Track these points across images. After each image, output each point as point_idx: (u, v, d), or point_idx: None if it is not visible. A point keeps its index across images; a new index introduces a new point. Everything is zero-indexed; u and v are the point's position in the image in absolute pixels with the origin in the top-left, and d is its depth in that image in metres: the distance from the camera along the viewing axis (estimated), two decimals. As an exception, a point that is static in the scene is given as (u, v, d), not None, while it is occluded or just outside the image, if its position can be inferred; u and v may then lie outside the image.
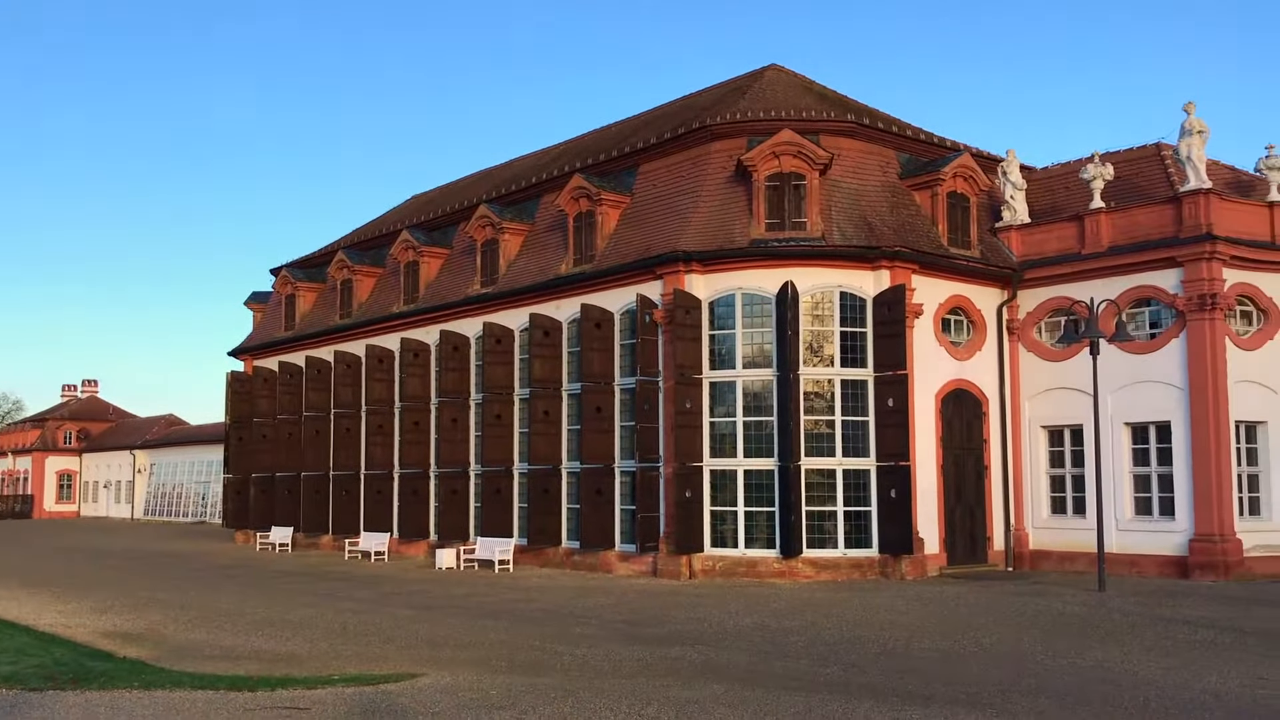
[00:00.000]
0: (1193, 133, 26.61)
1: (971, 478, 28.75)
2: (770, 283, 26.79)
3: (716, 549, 26.70)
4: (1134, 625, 17.93)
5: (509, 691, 12.12)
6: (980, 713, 11.10)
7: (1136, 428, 27.46)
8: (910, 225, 28.26)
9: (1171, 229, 26.83)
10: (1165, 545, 26.50)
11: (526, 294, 31.99)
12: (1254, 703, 11.76)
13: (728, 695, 11.91)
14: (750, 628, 17.84)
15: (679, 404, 26.75)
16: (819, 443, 26.51)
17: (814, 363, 26.70)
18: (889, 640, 16.34)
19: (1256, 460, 26.92)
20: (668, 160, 30.17)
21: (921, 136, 30.74)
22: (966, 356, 28.84)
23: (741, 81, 33.44)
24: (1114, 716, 11.05)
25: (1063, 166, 32.54)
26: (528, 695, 11.90)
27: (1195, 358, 26.21)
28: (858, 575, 26.03)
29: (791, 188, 27.38)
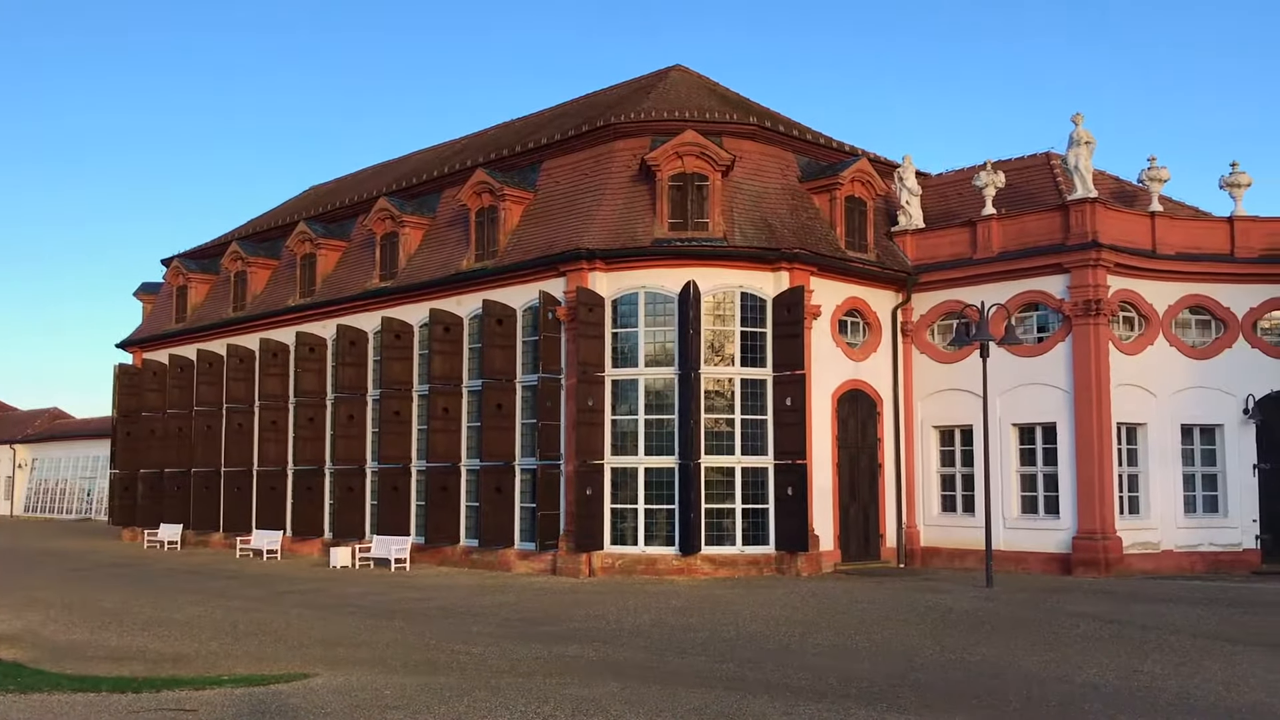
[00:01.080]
0: (1080, 143, 27.53)
1: (866, 476, 29.32)
2: (673, 282, 26.95)
3: (616, 547, 26.76)
4: (1019, 621, 18.48)
5: (403, 691, 11.99)
6: (870, 707, 11.33)
7: (1024, 428, 28.32)
8: (809, 228, 28.70)
9: (1059, 236, 27.72)
10: (1050, 543, 27.37)
11: (427, 289, 31.65)
12: (1130, 694, 12.22)
13: (625, 693, 11.96)
14: (648, 625, 17.93)
15: (581, 402, 26.75)
16: (719, 441, 26.76)
17: (715, 362, 26.94)
18: (784, 636, 16.58)
19: (1136, 461, 27.96)
20: (572, 158, 30.13)
21: (821, 141, 31.26)
22: (862, 357, 29.40)
23: (646, 81, 33.57)
24: (999, 710, 11.38)
25: (956, 173, 33.38)
26: (422, 695, 11.79)
27: (1080, 361, 27.12)
28: (755, 572, 26.35)
29: (694, 188, 27.58)
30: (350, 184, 42.89)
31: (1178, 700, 11.88)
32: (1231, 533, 27.88)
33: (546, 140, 31.09)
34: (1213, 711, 11.36)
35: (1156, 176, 28.85)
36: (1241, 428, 27.93)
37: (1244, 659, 14.63)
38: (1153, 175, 28.91)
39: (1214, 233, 28.65)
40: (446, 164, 35.25)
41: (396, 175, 38.38)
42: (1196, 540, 27.78)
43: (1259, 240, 28.27)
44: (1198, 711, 11.33)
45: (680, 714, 10.87)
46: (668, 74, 32.88)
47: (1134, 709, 11.43)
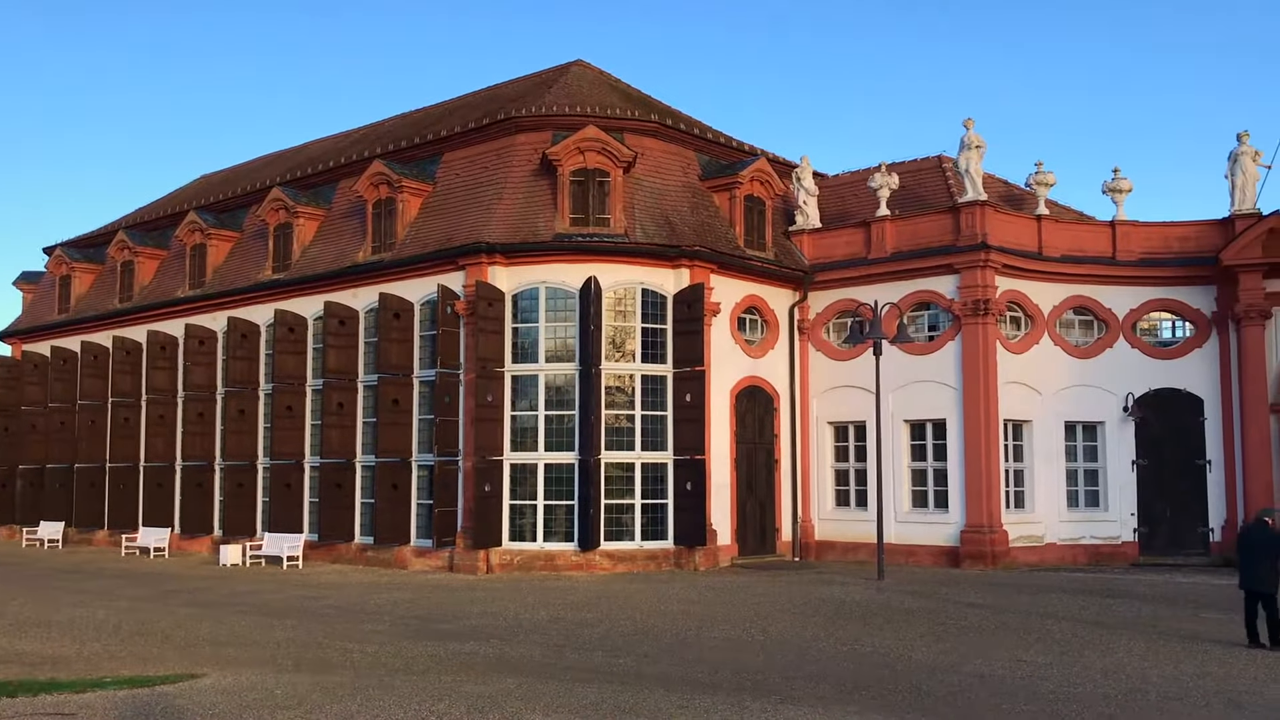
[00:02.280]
0: (971, 147, 28.26)
1: (763, 471, 29.69)
2: (574, 277, 26.90)
3: (515, 543, 26.63)
4: (910, 613, 18.91)
5: (295, 691, 11.76)
6: (764, 699, 11.47)
7: (915, 425, 28.98)
8: (709, 226, 28.93)
9: (950, 238, 28.41)
10: (939, 536, 28.07)
11: (322, 281, 31.06)
12: (1015, 683, 12.60)
13: (521, 689, 11.91)
14: (546, 621, 17.89)
15: (480, 397, 26.54)
16: (619, 437, 26.81)
17: (616, 358, 26.98)
18: (681, 630, 16.69)
19: (1022, 457, 28.82)
20: (472, 150, 29.87)
21: (721, 140, 31.53)
22: (760, 354, 29.75)
23: (547, 75, 33.44)
24: (889, 700, 11.62)
25: (852, 175, 33.99)
26: (314, 694, 11.58)
27: (969, 360, 27.85)
28: (653, 567, 26.48)
29: (596, 184, 27.57)
30: (243, 173, 41.85)
31: (1060, 689, 12.29)
32: (1112, 526, 28.92)
33: (446, 132, 30.77)
34: (1092, 698, 11.77)
35: (1043, 181, 29.75)
36: (1121, 425, 28.98)
37: (1121, 647, 15.20)
38: (1040, 179, 29.81)
39: (1097, 236, 29.67)
40: (343, 154, 34.63)
41: (291, 165, 37.56)
42: (1079, 533, 28.75)
43: (1139, 244, 29.36)
44: (1078, 699, 11.72)
45: (576, 709, 10.87)
46: (569, 69, 32.81)
47: (1018, 697, 11.79)
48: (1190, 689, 12.33)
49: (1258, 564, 15.46)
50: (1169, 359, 29.11)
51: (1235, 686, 12.48)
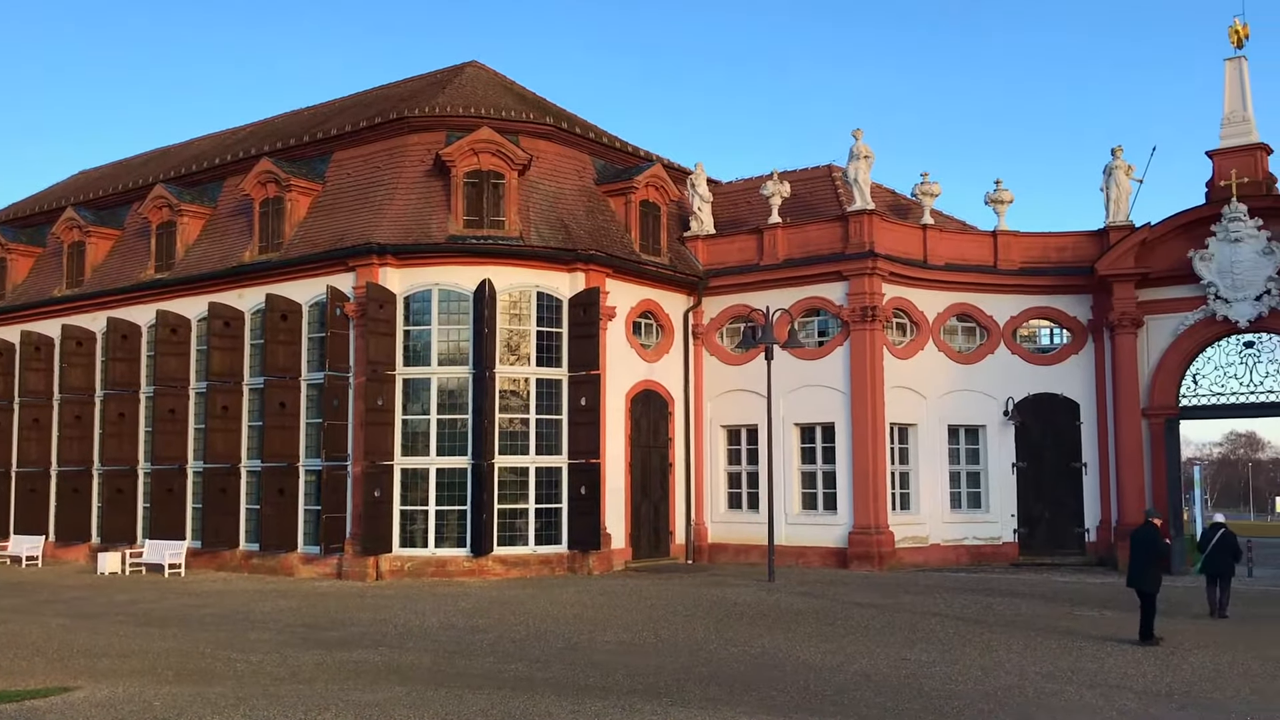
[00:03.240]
0: (860, 157, 28.87)
1: (657, 475, 29.85)
2: (468, 280, 26.68)
3: (406, 549, 26.28)
4: (799, 613, 19.21)
5: (175, 702, 11.42)
6: (655, 701, 11.54)
7: (805, 428, 29.47)
8: (605, 230, 29.00)
9: (839, 245, 28.98)
10: (828, 538, 28.57)
11: (207, 281, 30.25)
12: (899, 681, 12.90)
13: (410, 697, 11.76)
14: (437, 628, 17.70)
15: (370, 401, 26.13)
16: (513, 441, 26.66)
17: (510, 361, 26.83)
18: (573, 635, 16.68)
19: (908, 459, 29.52)
20: (363, 150, 29.44)
21: (617, 144, 31.63)
22: (655, 359, 29.92)
23: (441, 75, 33.12)
24: (777, 700, 11.79)
25: (745, 182, 34.43)
26: (195, 705, 11.26)
27: (857, 364, 28.42)
28: (547, 572, 26.40)
29: (490, 186, 27.40)
30: (124, 170, 40.50)
31: (942, 686, 12.61)
32: (992, 527, 29.80)
33: (337, 131, 30.26)
34: (972, 695, 12.12)
35: (929, 191, 30.54)
36: (1002, 429, 29.88)
37: (1001, 645, 15.68)
38: (925, 190, 30.59)
39: (979, 246, 30.56)
40: (230, 152, 33.79)
41: (175, 162, 36.50)
42: (961, 534, 29.56)
43: (1019, 254, 30.32)
44: (959, 696, 12.05)
45: (466, 716, 10.78)
46: (463, 69, 32.55)
47: (902, 695, 12.06)
48: (1066, 683, 12.78)
49: (1146, 564, 16.09)
50: (1047, 365, 30.13)
51: (1107, 681, 12.97)
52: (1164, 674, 13.42)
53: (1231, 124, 28.47)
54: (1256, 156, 27.96)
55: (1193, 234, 28.05)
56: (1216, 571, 19.45)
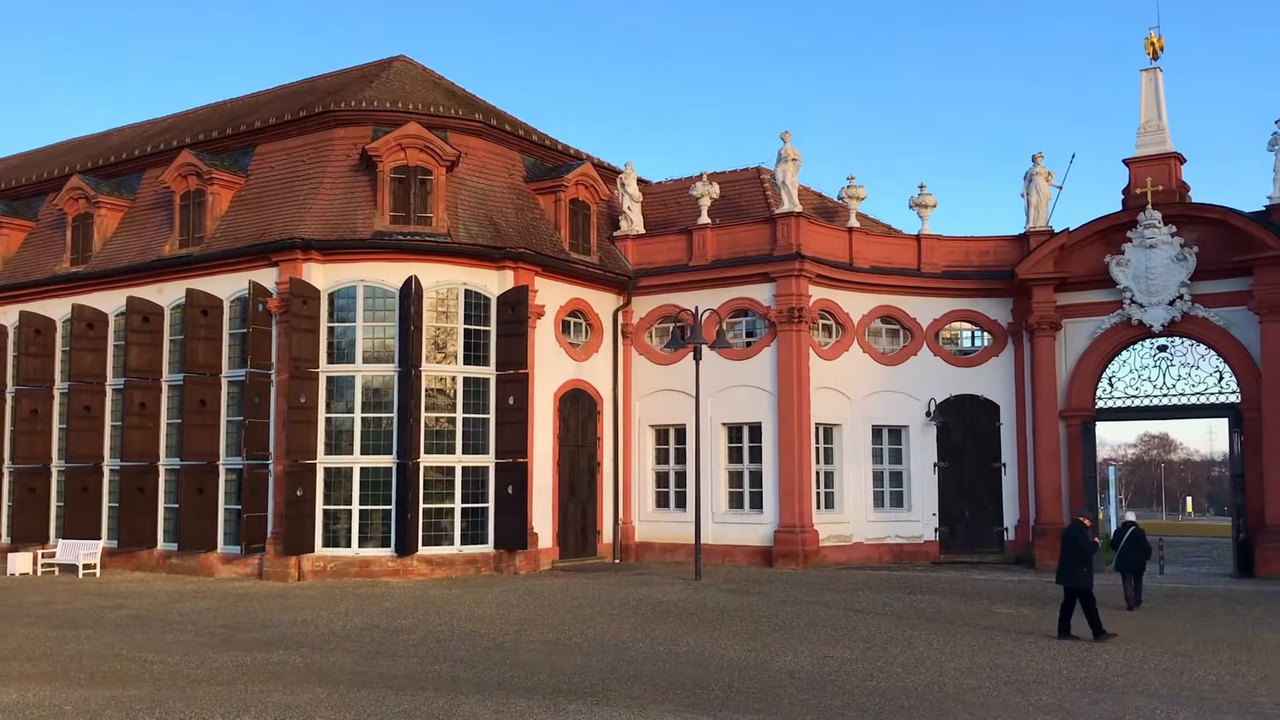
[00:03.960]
0: (787, 160, 29.14)
1: (585, 474, 29.82)
2: (394, 276, 26.40)
3: (329, 549, 25.92)
4: (724, 612, 19.32)
5: (87, 706, 11.12)
6: (581, 701, 11.52)
7: (733, 428, 29.67)
8: (534, 228, 28.89)
9: (767, 247, 29.23)
10: (754, 536, 28.80)
11: (125, 275, 29.57)
12: (822, 678, 13.03)
13: (331, 698, 11.60)
14: (360, 628, 17.48)
15: (293, 398, 25.74)
16: (440, 440, 26.45)
17: (437, 359, 26.61)
18: (499, 635, 16.59)
19: (832, 459, 29.86)
20: (288, 143, 28.98)
21: (546, 142, 31.53)
22: (584, 358, 29.88)
23: (369, 69, 32.71)
24: (702, 698, 11.84)
25: (675, 182, 34.56)
26: (109, 709, 10.98)
27: (784, 365, 28.69)
28: (473, 571, 26.23)
29: (418, 182, 27.14)
30: (39, 160, 39.34)
31: (864, 683, 12.78)
32: (914, 526, 30.27)
33: (261, 123, 29.75)
34: (893, 691, 12.29)
35: (855, 195, 30.92)
36: (924, 429, 30.37)
37: (921, 642, 15.93)
38: (851, 193, 30.97)
39: (903, 249, 31.02)
40: (150, 143, 33.04)
41: (93, 153, 35.57)
42: (884, 533, 29.98)
43: (942, 257, 30.85)
44: (880, 692, 12.22)
45: (389, 717, 10.66)
46: (391, 64, 32.18)
47: (825, 692, 12.19)
48: (984, 679, 13.02)
49: (1074, 562, 16.44)
50: (968, 367, 30.68)
51: (1024, 676, 13.24)
52: (1079, 669, 13.73)
53: (1147, 133, 29.25)
54: (1170, 165, 28.76)
55: (1110, 240, 28.77)
56: (1129, 567, 20.50)
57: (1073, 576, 16.52)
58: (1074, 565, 16.53)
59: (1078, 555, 16.56)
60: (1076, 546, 16.65)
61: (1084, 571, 16.49)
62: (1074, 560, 16.56)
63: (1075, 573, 16.50)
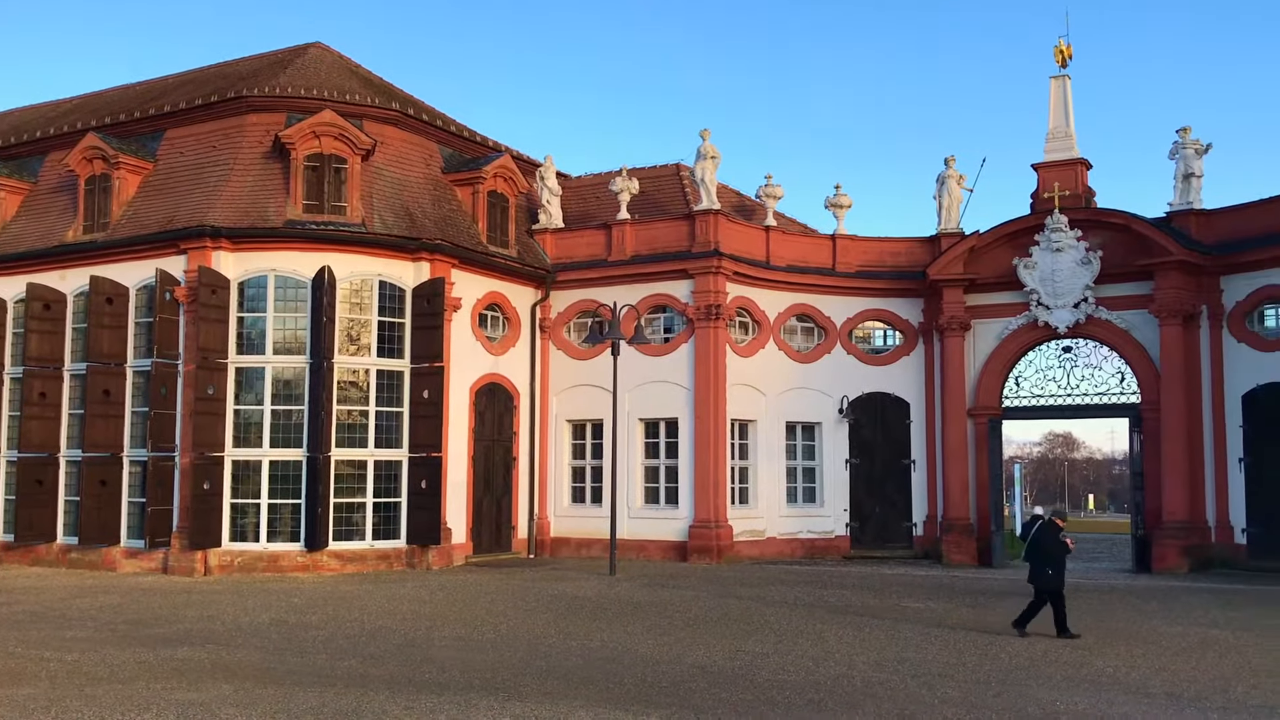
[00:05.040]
0: (706, 157, 29.29)
1: (500, 469, 29.65)
2: (306, 266, 25.95)
3: (236, 543, 25.41)
4: (638, 606, 19.37)
5: (-22, 707, 10.75)
6: (493, 697, 11.47)
7: (649, 423, 29.76)
8: (451, 220, 28.63)
9: (686, 244, 29.35)
10: (669, 531, 28.93)
11: (25, 261, 28.61)
12: (733, 673, 13.14)
13: (237, 695, 11.38)
14: (267, 624, 17.17)
15: (201, 390, 25.16)
16: (352, 433, 26.07)
17: (350, 351, 26.23)
18: (410, 631, 16.42)
19: (747, 455, 30.13)
20: (198, 128, 28.30)
21: (465, 133, 31.26)
22: (501, 352, 29.69)
23: (283, 55, 32.07)
24: (614, 693, 11.87)
25: (595, 177, 34.50)
26: (3, 708, 10.62)
27: (701, 361, 28.85)
28: (385, 567, 25.93)
29: (332, 170, 26.71)
30: (-67, 138, 37.86)
31: (774, 676, 12.91)
32: (826, 521, 30.69)
33: (171, 108, 29.00)
34: (803, 685, 12.44)
35: (772, 194, 31.20)
36: (837, 426, 30.79)
37: (832, 636, 16.15)
38: (769, 192, 31.24)
39: (819, 248, 31.41)
40: (53, 125, 31.99)
41: (-9, 133, 34.34)
42: (797, 528, 30.34)
43: (856, 257, 31.29)
44: (790, 686, 12.36)
45: (295, 714, 10.49)
46: (306, 50, 31.59)
47: (736, 686, 12.30)
48: (892, 672, 13.24)
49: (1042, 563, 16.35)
50: (880, 365, 31.19)
51: (931, 670, 13.50)
52: (984, 662, 14.05)
53: (1055, 139, 30.00)
54: (1077, 170, 29.53)
55: (1018, 243, 29.45)
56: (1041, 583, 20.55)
57: (1041, 577, 16.36)
58: (1043, 566, 16.38)
59: (1048, 556, 16.41)
60: (1047, 547, 16.48)
61: (1050, 574, 16.30)
62: (1043, 561, 16.42)
63: (1042, 573, 16.33)
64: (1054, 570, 16.38)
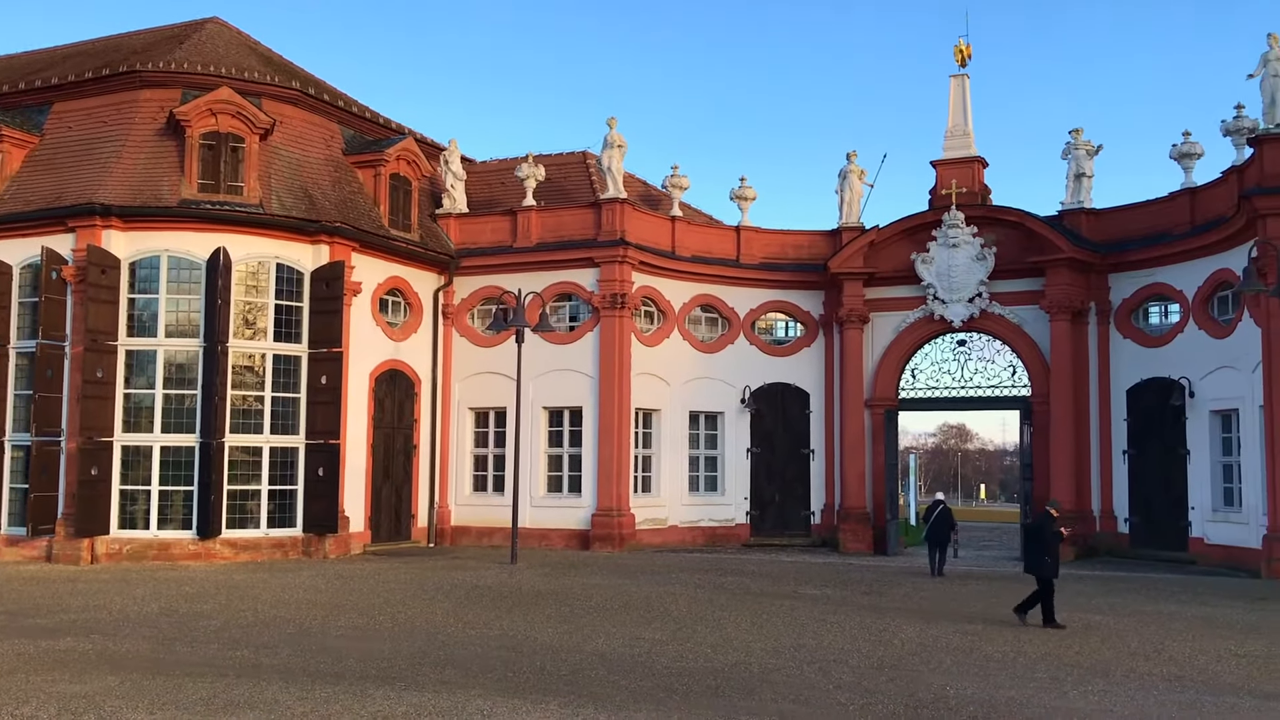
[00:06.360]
0: (613, 146, 29.27)
1: (400, 457, 29.29)
2: (201, 247, 25.28)
3: (126, 531, 24.70)
4: (539, 595, 19.33)
5: None
6: (389, 686, 11.33)
7: (554, 412, 29.68)
8: (352, 202, 28.14)
9: (592, 232, 29.32)
10: (572, 520, 28.93)
11: (-101, 236, 27.30)
12: (632, 660, 13.20)
13: (123, 687, 11.05)
14: (157, 614, 16.71)
15: (89, 372, 24.35)
16: (247, 419, 25.51)
17: (246, 335, 25.64)
18: (305, 620, 16.14)
19: (651, 444, 30.27)
20: (88, 103, 27.35)
21: (367, 115, 30.74)
22: (402, 338, 29.32)
23: (180, 30, 31.11)
24: (513, 681, 11.82)
25: (500, 162, 34.24)
26: None
27: (606, 350, 28.87)
28: (280, 555, 25.45)
29: (229, 149, 26.04)
30: None
31: (673, 664, 13.00)
32: (727, 509, 31.01)
33: (60, 80, 27.97)
34: (701, 671, 12.55)
35: (678, 184, 31.33)
36: (739, 415, 31.11)
37: (730, 623, 16.32)
38: (675, 183, 31.37)
39: (724, 240, 31.65)
40: (-69, 94, 30.54)
41: None
42: (698, 516, 30.60)
43: (760, 249, 31.61)
44: (689, 673, 12.45)
45: (185, 705, 10.24)
46: (204, 25, 30.71)
47: (635, 673, 12.35)
48: (788, 659, 13.44)
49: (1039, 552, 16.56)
50: (782, 356, 31.59)
51: (826, 656, 13.73)
52: (877, 649, 14.34)
53: (954, 137, 30.67)
54: (974, 168, 30.24)
55: (916, 238, 30.06)
56: (936, 540, 23.94)
57: (1039, 566, 16.55)
58: (1040, 555, 16.55)
59: (1043, 545, 16.58)
60: (1042, 536, 16.68)
61: (1047, 561, 16.48)
62: (1040, 550, 16.59)
63: (1041, 562, 16.53)
64: (1051, 559, 16.61)
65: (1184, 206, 27.29)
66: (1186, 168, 27.85)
